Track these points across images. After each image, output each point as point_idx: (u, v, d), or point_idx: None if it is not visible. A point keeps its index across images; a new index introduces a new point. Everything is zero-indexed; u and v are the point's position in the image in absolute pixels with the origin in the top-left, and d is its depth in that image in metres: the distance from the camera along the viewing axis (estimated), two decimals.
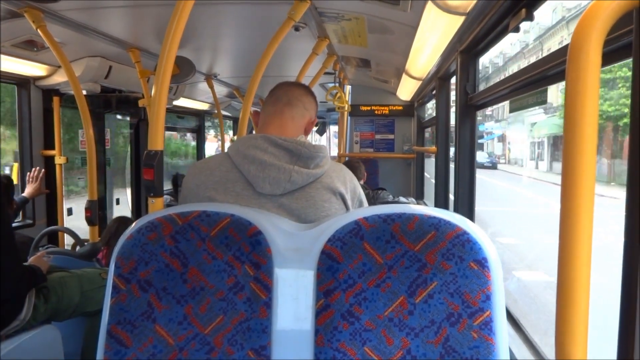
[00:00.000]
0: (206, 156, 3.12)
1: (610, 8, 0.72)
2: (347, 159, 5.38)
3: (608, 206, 8.64)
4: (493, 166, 26.81)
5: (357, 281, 0.96)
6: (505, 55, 31.74)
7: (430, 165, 4.58)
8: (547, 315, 5.39)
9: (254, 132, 3.49)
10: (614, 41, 0.92)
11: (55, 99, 3.52)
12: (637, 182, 0.79)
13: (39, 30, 2.31)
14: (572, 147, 0.74)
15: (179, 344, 0.98)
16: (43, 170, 3.22)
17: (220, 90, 4.91)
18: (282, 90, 1.42)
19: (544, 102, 1.63)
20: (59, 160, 3.53)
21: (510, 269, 7.34)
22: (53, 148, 3.54)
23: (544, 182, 18.32)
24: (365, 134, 5.61)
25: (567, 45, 0.80)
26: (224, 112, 6.18)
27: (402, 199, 4.27)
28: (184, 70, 3.04)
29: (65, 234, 3.48)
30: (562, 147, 0.77)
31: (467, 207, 2.48)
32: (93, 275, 2.29)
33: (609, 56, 0.93)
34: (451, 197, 3.04)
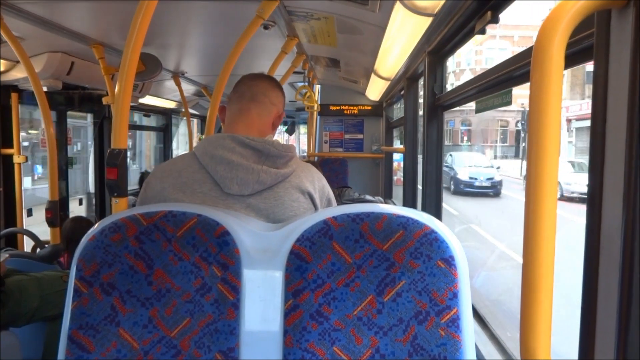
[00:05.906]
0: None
1: (572, 11, 0.74)
2: (316, 158, 5.39)
3: None
4: None
5: (326, 281, 0.95)
6: None
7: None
8: None
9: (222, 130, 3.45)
10: (577, 44, 0.94)
11: (14, 95, 3.39)
12: (598, 182, 0.81)
13: None
14: (537, 146, 0.76)
15: (144, 348, 0.95)
16: None
17: (188, 89, 4.83)
18: (246, 85, 1.38)
19: (509, 102, 1.67)
20: (18, 159, 3.40)
21: None
22: (11, 146, 3.41)
23: None
24: (334, 133, 5.63)
25: (531, 47, 0.82)
26: (191, 111, 6.08)
27: (367, 196, 4.30)
28: (149, 67, 2.97)
29: (24, 236, 3.36)
30: (527, 146, 0.78)
31: (434, 206, 2.51)
32: (53, 278, 2.21)
33: (572, 58, 0.96)
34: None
